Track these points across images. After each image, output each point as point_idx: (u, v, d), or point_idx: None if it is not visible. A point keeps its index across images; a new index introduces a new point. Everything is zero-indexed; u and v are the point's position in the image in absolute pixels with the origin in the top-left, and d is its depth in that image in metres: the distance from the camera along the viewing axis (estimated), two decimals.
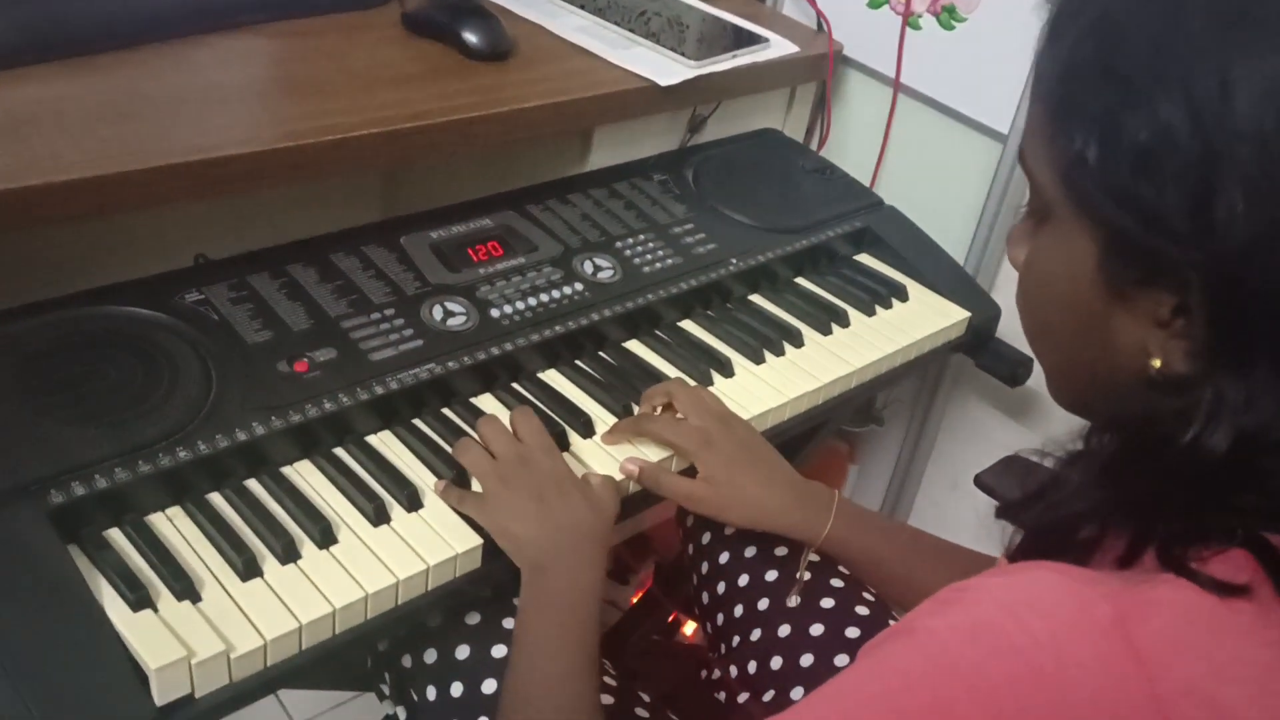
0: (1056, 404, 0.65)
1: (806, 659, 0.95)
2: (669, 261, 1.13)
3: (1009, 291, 1.32)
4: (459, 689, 0.87)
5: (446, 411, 0.94)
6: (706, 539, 1.07)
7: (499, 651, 0.87)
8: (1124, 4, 0.54)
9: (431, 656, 0.89)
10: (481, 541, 0.82)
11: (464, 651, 0.88)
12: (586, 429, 0.94)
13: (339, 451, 0.87)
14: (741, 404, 1.01)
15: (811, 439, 1.39)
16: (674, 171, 1.26)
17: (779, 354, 1.09)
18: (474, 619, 0.89)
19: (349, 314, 0.94)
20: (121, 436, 0.78)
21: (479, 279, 1.02)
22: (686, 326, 1.11)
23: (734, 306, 1.15)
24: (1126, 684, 0.48)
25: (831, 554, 0.96)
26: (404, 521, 0.82)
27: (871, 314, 1.18)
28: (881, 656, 0.53)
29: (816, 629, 0.96)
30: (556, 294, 1.04)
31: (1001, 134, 1.28)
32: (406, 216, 1.09)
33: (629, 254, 1.12)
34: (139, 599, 0.70)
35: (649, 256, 1.12)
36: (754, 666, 0.97)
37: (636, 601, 1.43)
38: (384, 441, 0.89)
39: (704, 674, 1.07)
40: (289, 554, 0.77)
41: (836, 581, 0.99)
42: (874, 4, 1.41)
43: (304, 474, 0.84)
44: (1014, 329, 1.33)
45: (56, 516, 0.73)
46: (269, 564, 0.76)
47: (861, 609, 0.97)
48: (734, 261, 1.16)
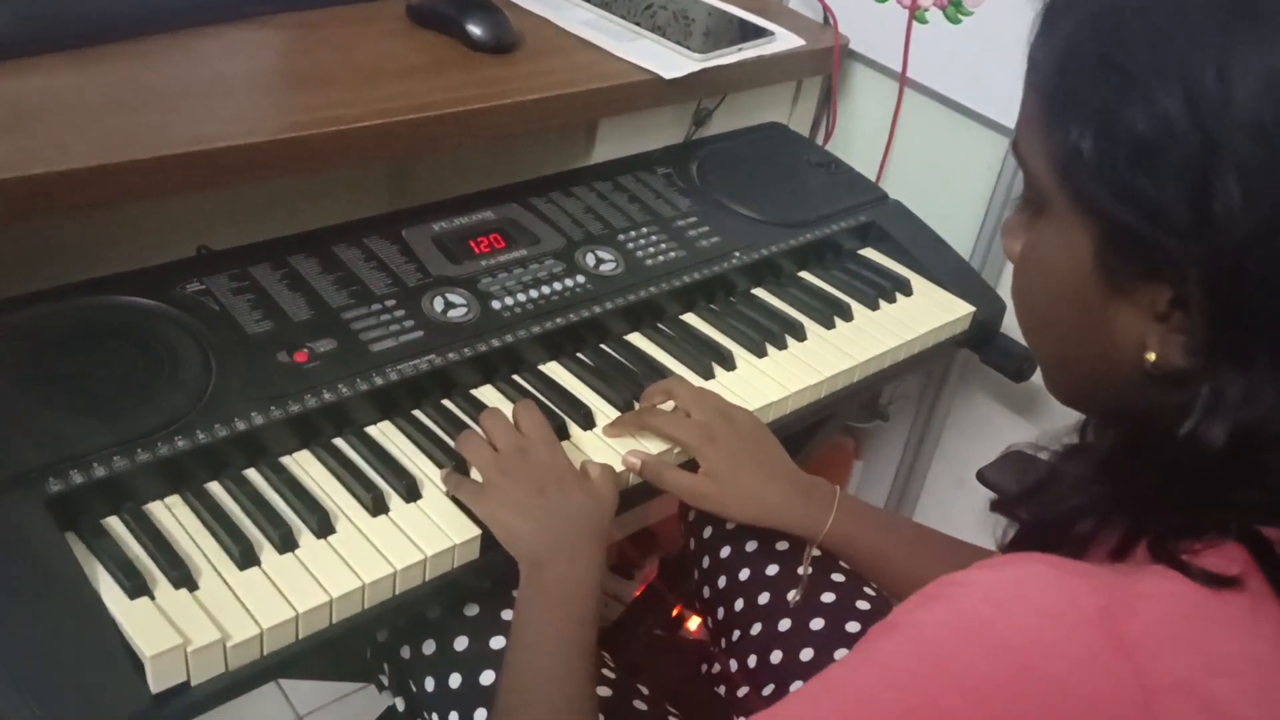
0: (1053, 396, 0.64)
1: (807, 653, 0.94)
2: (672, 255, 1.12)
3: None
4: (457, 680, 0.87)
5: (447, 403, 0.93)
6: (708, 533, 1.06)
7: (497, 643, 0.87)
8: None
9: (430, 648, 0.89)
10: (479, 532, 0.82)
11: (462, 643, 0.88)
12: (587, 421, 0.94)
13: (338, 442, 0.87)
14: (743, 397, 1.01)
15: (816, 434, 1.38)
16: (678, 165, 1.26)
17: (781, 347, 1.09)
18: (473, 611, 0.89)
19: (350, 305, 0.94)
20: (120, 425, 0.78)
21: (481, 271, 1.02)
22: (689, 320, 1.11)
23: (737, 300, 1.15)
24: (1114, 677, 0.47)
25: (833, 550, 0.95)
26: (402, 512, 0.82)
27: (875, 308, 1.18)
28: (868, 651, 0.53)
29: (817, 623, 0.96)
30: (558, 286, 1.03)
31: (1008, 129, 1.28)
32: (409, 209, 1.09)
33: (632, 247, 1.11)
34: (136, 587, 0.70)
35: (652, 249, 1.12)
36: (754, 661, 0.97)
37: (639, 596, 1.43)
38: (384, 432, 0.89)
39: (705, 668, 1.06)
40: (286, 543, 0.77)
41: (838, 576, 0.99)
42: None
43: (303, 464, 0.84)
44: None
45: (54, 504, 0.73)
46: (266, 553, 0.76)
47: (862, 603, 0.97)
48: (737, 255, 1.16)
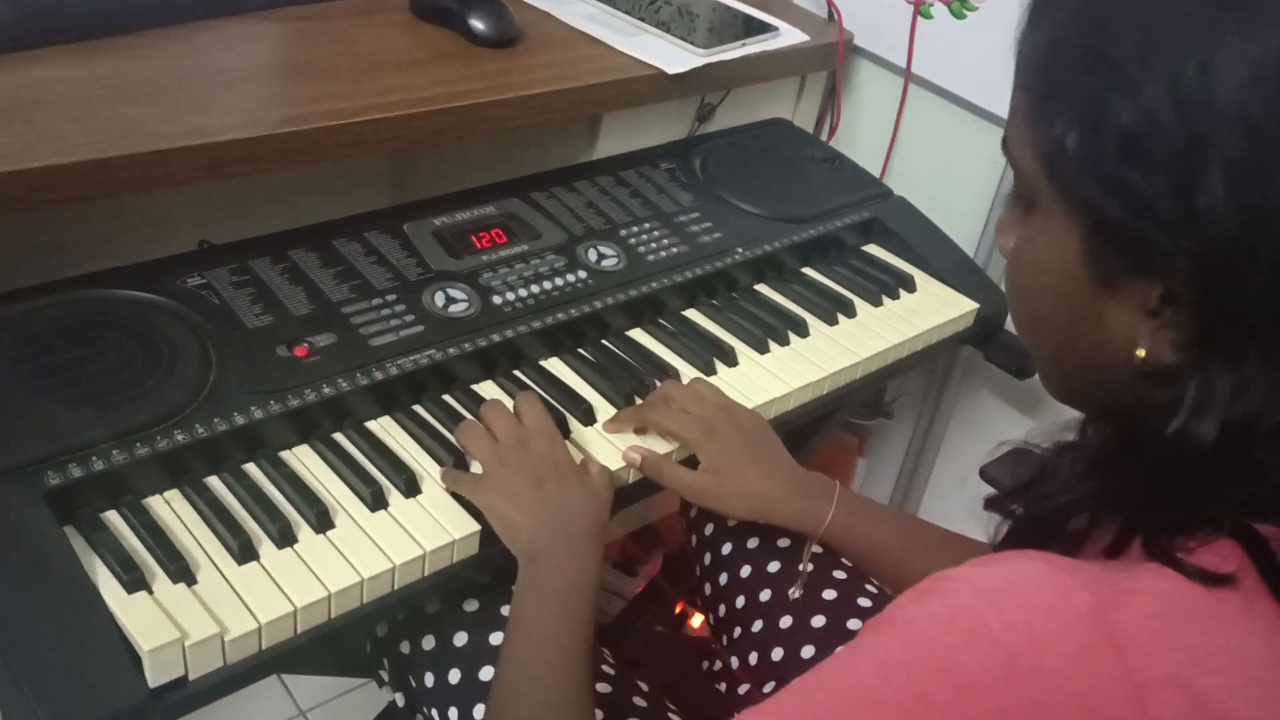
0: (1049, 393, 0.64)
1: (808, 650, 0.94)
2: (674, 250, 1.12)
3: None
4: (456, 676, 0.87)
5: (447, 398, 0.93)
6: (709, 530, 1.06)
7: (496, 639, 0.87)
8: None
9: (429, 643, 0.89)
10: (479, 528, 0.81)
11: (461, 638, 0.88)
12: (587, 417, 0.94)
13: (338, 436, 0.86)
14: (745, 393, 1.00)
15: (820, 431, 1.38)
16: (681, 160, 1.26)
17: (784, 344, 1.08)
18: (472, 606, 0.89)
19: (350, 299, 0.94)
20: (120, 419, 0.78)
21: (482, 266, 1.02)
22: (691, 315, 1.10)
23: (739, 296, 1.15)
24: (1104, 673, 0.47)
25: (833, 545, 0.95)
26: (401, 507, 0.82)
27: (878, 304, 1.17)
28: (861, 646, 0.52)
29: (818, 620, 0.95)
30: (560, 281, 1.03)
31: None
32: (410, 203, 1.08)
33: (634, 242, 1.11)
34: (134, 581, 0.70)
35: (654, 245, 1.12)
36: (755, 657, 0.97)
37: (640, 592, 1.43)
38: (384, 427, 0.89)
39: (706, 665, 1.06)
40: (285, 538, 0.76)
41: (839, 573, 0.99)
42: None
43: (302, 458, 0.84)
44: None
45: (53, 498, 0.73)
46: (265, 547, 0.76)
47: (864, 600, 0.97)
48: (740, 251, 1.15)
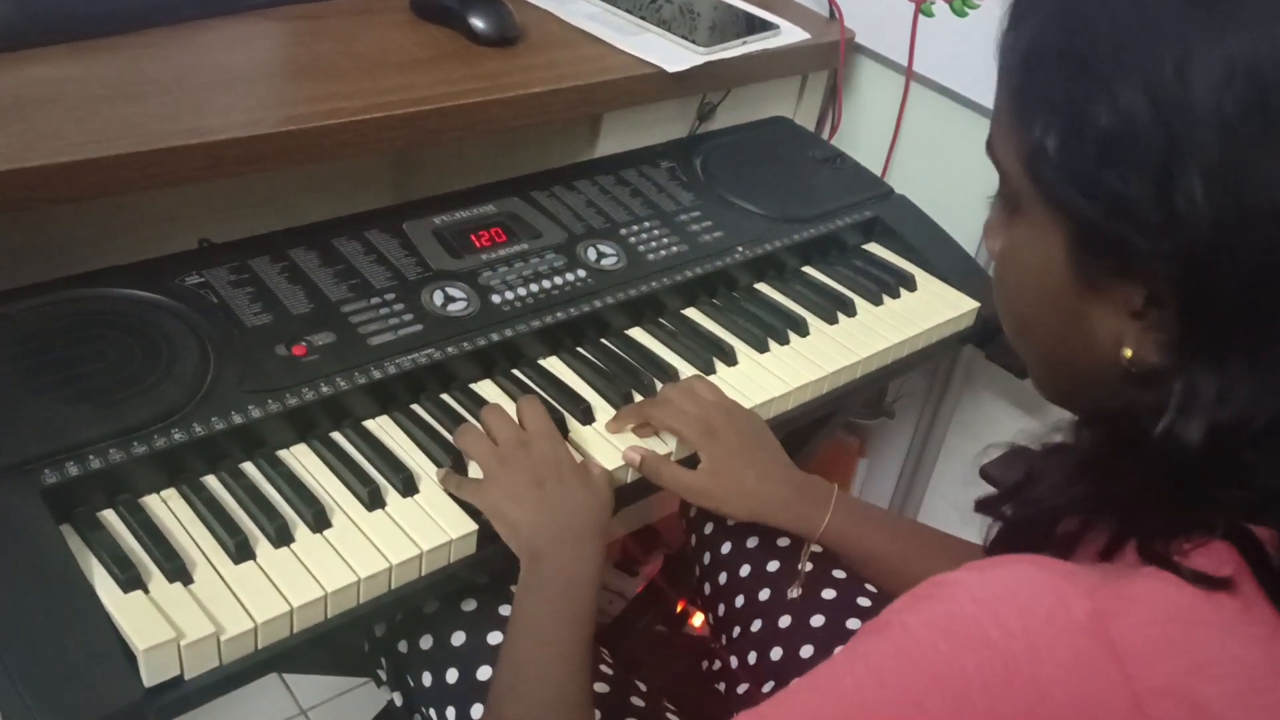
0: (1040, 394, 0.64)
1: (807, 650, 0.94)
2: (674, 249, 1.12)
3: None
4: (454, 675, 0.87)
5: (446, 397, 0.93)
6: (709, 529, 1.06)
7: (494, 638, 0.87)
8: None
9: (427, 643, 0.89)
10: (476, 527, 0.81)
11: (460, 638, 0.88)
12: (586, 416, 0.94)
13: (335, 436, 0.86)
14: (745, 393, 1.00)
15: (821, 431, 1.38)
16: (682, 159, 1.26)
17: (784, 343, 1.08)
18: (470, 606, 0.89)
19: (349, 298, 0.94)
20: (117, 417, 0.78)
21: (481, 265, 1.02)
22: (690, 315, 1.10)
23: (740, 295, 1.14)
24: (1104, 681, 0.47)
25: (830, 548, 0.95)
26: (399, 506, 0.81)
27: (879, 304, 1.17)
28: (856, 650, 0.52)
29: (817, 620, 0.95)
30: (559, 280, 1.03)
31: None
32: (410, 202, 1.08)
33: (634, 241, 1.11)
34: (130, 580, 0.70)
35: (654, 244, 1.11)
36: (754, 657, 0.97)
37: (640, 592, 1.43)
38: (382, 426, 0.89)
39: (706, 665, 1.06)
40: (282, 537, 0.76)
41: (838, 573, 0.99)
42: None
43: (299, 457, 0.84)
44: None
45: (50, 496, 0.73)
46: (262, 547, 0.76)
47: (863, 600, 0.97)
48: (740, 250, 1.15)
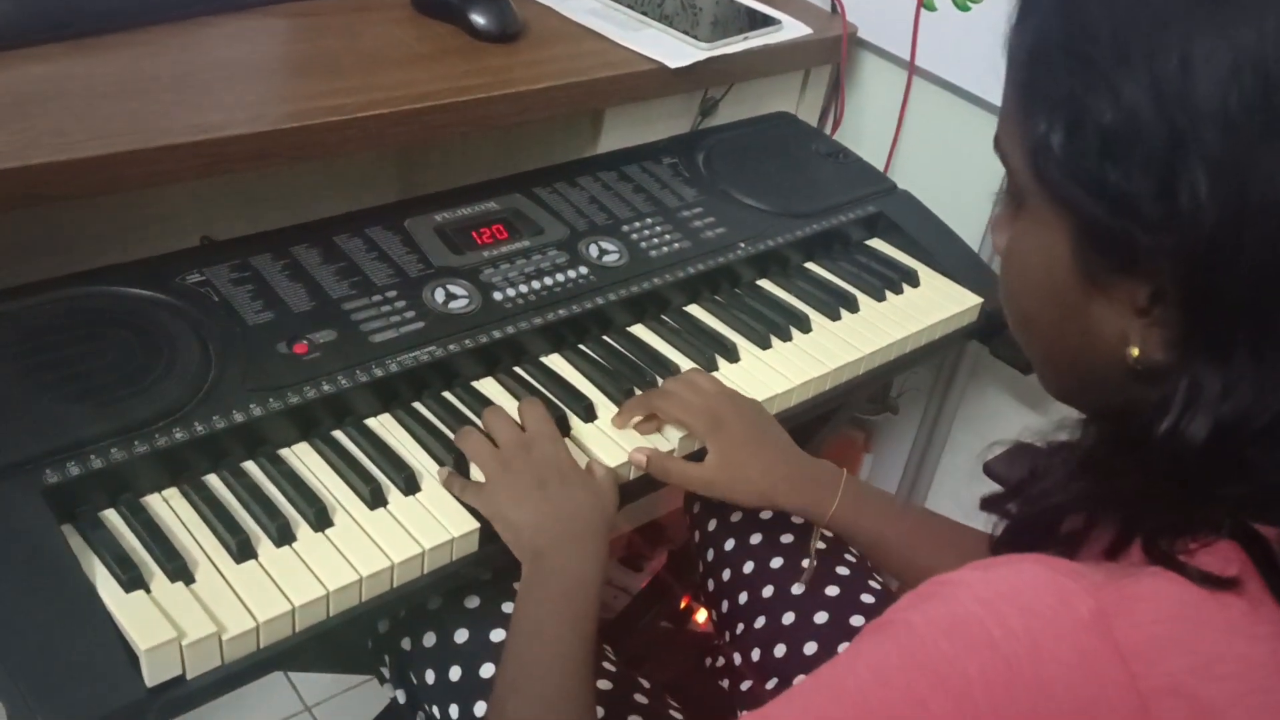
0: (1046, 391, 0.63)
1: (810, 647, 0.94)
2: (676, 246, 1.11)
3: None
4: (457, 673, 0.86)
5: (448, 395, 0.93)
6: (712, 526, 1.06)
7: (497, 636, 0.87)
8: None
9: (430, 640, 0.89)
10: (478, 525, 0.81)
11: (462, 635, 0.88)
12: (589, 414, 0.93)
13: (337, 434, 0.86)
14: (747, 390, 1.00)
15: (825, 427, 1.37)
16: (684, 155, 1.25)
17: (786, 340, 1.08)
18: (473, 603, 0.89)
19: (350, 296, 0.94)
20: (119, 416, 0.78)
21: (483, 262, 1.01)
22: (693, 311, 1.10)
23: (742, 291, 1.14)
24: (1107, 681, 0.46)
25: (839, 533, 0.95)
26: (400, 505, 0.81)
27: (882, 299, 1.17)
28: (860, 650, 0.52)
29: (821, 617, 0.95)
30: (561, 277, 1.03)
31: None
32: (412, 199, 1.08)
33: (636, 238, 1.10)
34: (131, 579, 0.70)
35: (656, 240, 1.11)
36: (758, 654, 0.97)
37: (645, 588, 1.43)
38: (384, 424, 0.89)
39: (709, 661, 1.06)
40: (284, 536, 0.76)
41: (842, 569, 0.98)
42: None
43: (301, 456, 0.84)
44: None
45: (51, 496, 0.73)
46: (264, 546, 0.76)
47: (867, 597, 0.97)
48: (743, 246, 1.15)
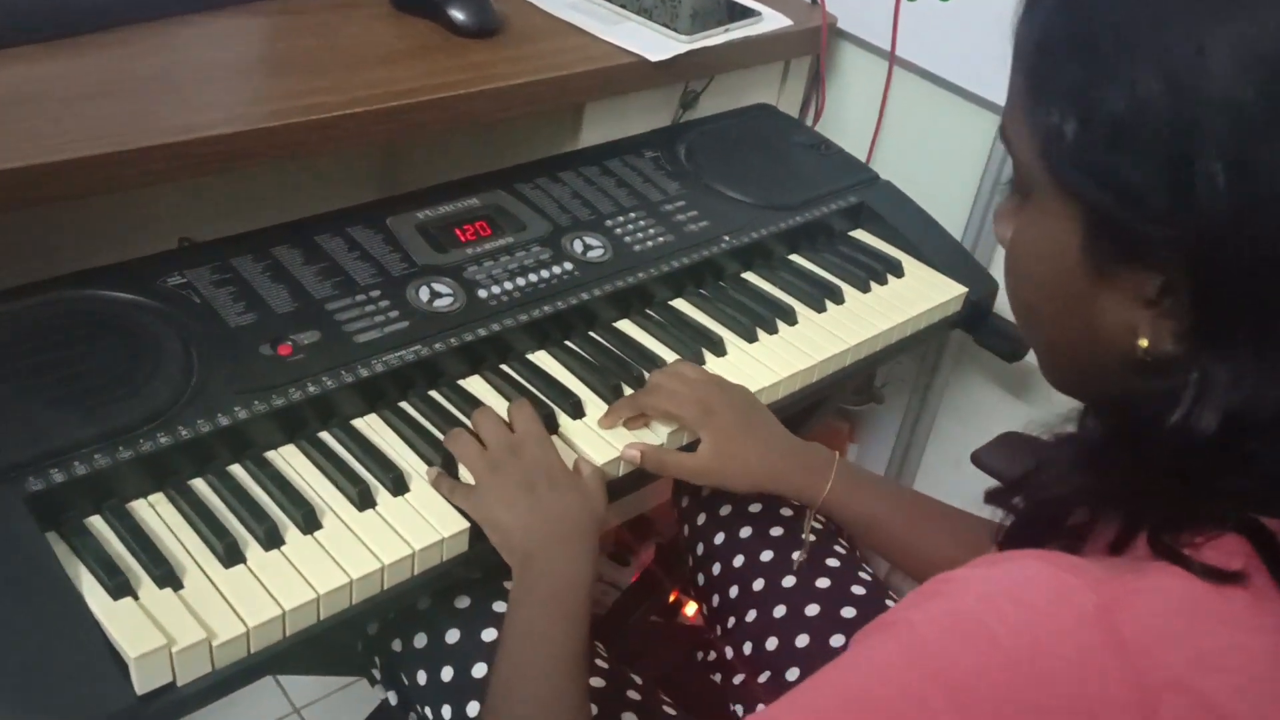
0: (1047, 382, 0.63)
1: (802, 639, 0.94)
2: (661, 239, 1.11)
3: None
4: (449, 673, 0.86)
5: (434, 394, 0.92)
6: (702, 520, 1.06)
7: (489, 635, 0.86)
8: None
9: (421, 641, 0.88)
10: (468, 525, 0.81)
11: (454, 635, 0.87)
12: (576, 410, 0.93)
13: (324, 435, 0.86)
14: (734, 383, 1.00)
15: (811, 417, 1.37)
16: (666, 148, 1.25)
17: (772, 332, 1.08)
18: (464, 603, 0.89)
19: (333, 296, 0.93)
20: (102, 421, 0.77)
21: (466, 259, 1.01)
22: (679, 305, 1.10)
23: (727, 284, 1.14)
24: (1108, 676, 0.46)
25: (832, 515, 0.95)
26: (389, 506, 0.81)
27: (867, 290, 1.17)
28: (864, 649, 0.52)
29: (812, 609, 0.95)
30: (545, 274, 1.02)
31: (999, 106, 1.25)
32: (393, 197, 1.07)
33: (620, 232, 1.10)
34: (119, 586, 0.69)
35: (640, 235, 1.11)
36: (750, 647, 0.97)
37: (635, 582, 1.43)
38: (370, 425, 0.88)
39: (701, 655, 1.06)
40: (272, 539, 0.76)
41: (832, 561, 0.99)
42: None
43: (288, 458, 0.83)
44: None
45: (35, 503, 0.72)
46: (252, 550, 0.75)
47: (858, 588, 0.97)
48: (727, 239, 1.14)
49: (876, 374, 1.54)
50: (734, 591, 1.00)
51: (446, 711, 0.85)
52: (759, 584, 0.98)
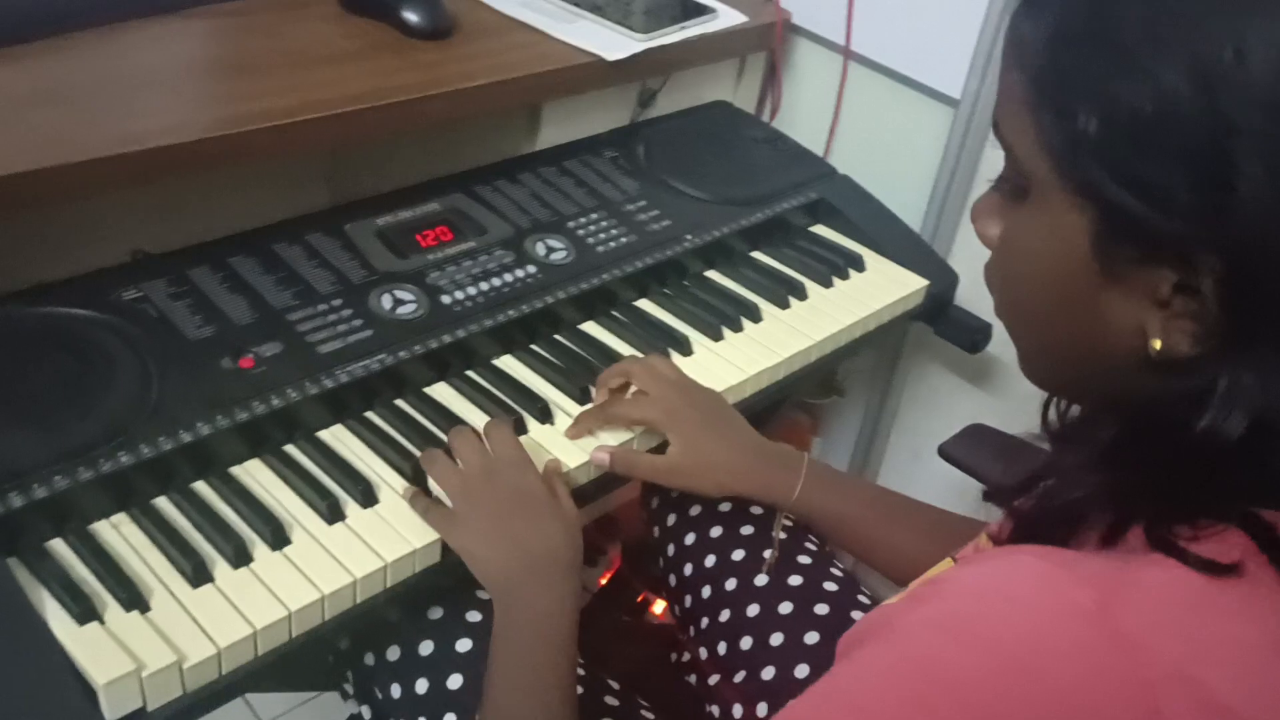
0: (1030, 382, 0.62)
1: (776, 638, 0.94)
2: (623, 240, 1.11)
3: (966, 258, 1.31)
4: (424, 685, 0.85)
5: (400, 403, 0.91)
6: (672, 520, 1.05)
7: (463, 646, 0.85)
8: None
9: (394, 654, 0.87)
10: (439, 536, 0.80)
11: (427, 647, 0.86)
12: (544, 415, 0.92)
13: (289, 449, 0.84)
14: (702, 382, 0.99)
15: (775, 413, 1.38)
16: (625, 147, 1.24)
17: (737, 330, 1.08)
18: (436, 614, 0.87)
19: (294, 306, 0.91)
20: (60, 442, 0.76)
21: (428, 265, 1.00)
22: (643, 305, 1.09)
23: (691, 283, 1.14)
24: (1108, 672, 0.46)
25: (802, 515, 0.95)
26: (359, 518, 0.80)
27: (829, 285, 1.17)
28: (860, 657, 0.52)
29: (785, 607, 0.95)
30: (509, 277, 1.01)
31: (954, 99, 1.27)
32: (351, 203, 1.06)
33: (582, 234, 1.09)
34: (84, 611, 0.68)
35: (602, 235, 1.10)
36: (724, 647, 0.96)
37: (605, 583, 1.42)
38: (336, 436, 0.87)
39: (675, 657, 1.05)
40: (240, 557, 0.74)
41: (804, 558, 0.98)
42: None
43: (253, 473, 0.82)
44: (972, 296, 1.32)
45: None
46: (220, 569, 0.74)
47: (830, 585, 0.97)
48: (689, 238, 1.14)
49: (838, 367, 1.55)
50: (706, 592, 0.99)
51: None
52: (731, 583, 0.98)
